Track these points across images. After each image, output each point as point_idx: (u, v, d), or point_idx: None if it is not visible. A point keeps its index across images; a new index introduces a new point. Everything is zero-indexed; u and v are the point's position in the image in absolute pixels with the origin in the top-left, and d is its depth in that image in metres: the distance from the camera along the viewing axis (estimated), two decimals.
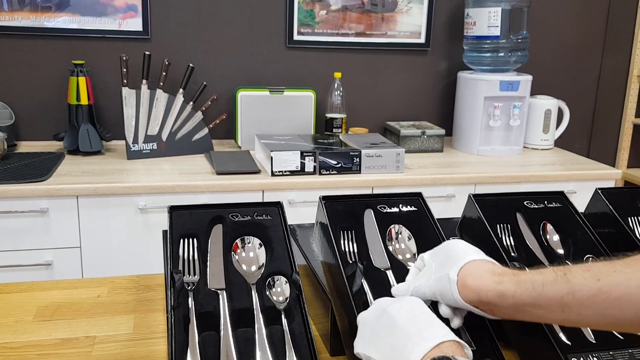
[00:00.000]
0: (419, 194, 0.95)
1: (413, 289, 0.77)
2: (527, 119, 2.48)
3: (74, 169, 2.04)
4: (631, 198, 0.99)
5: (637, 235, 0.94)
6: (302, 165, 2.10)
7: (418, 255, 0.85)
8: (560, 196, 0.97)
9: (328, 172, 2.12)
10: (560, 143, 2.63)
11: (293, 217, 0.93)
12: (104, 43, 2.35)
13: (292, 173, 2.09)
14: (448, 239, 0.91)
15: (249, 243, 0.83)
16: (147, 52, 2.20)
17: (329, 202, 0.92)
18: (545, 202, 0.95)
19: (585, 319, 0.65)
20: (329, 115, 2.48)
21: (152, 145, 2.21)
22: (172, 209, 0.84)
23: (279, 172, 2.08)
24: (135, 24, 2.35)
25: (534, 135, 2.53)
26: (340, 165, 2.13)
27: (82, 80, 2.20)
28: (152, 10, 2.36)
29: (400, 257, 0.87)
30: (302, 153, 2.09)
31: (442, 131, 2.48)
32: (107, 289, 1.05)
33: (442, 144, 2.49)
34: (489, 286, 0.69)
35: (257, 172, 2.09)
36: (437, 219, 0.93)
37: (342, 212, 0.92)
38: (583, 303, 0.63)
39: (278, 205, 0.89)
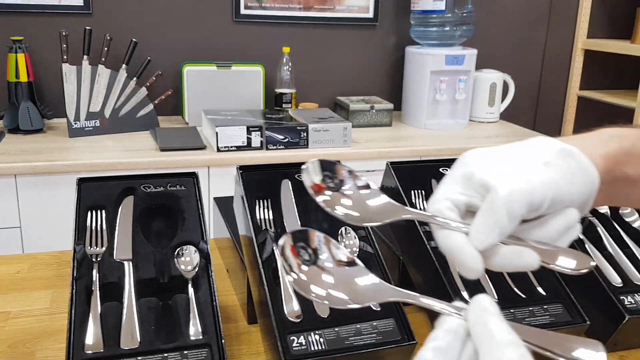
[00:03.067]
0: (338, 163, 0.95)
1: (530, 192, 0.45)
2: (472, 92, 2.51)
3: (14, 147, 1.99)
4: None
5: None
6: (249, 140, 2.09)
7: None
8: None
9: (275, 147, 2.12)
10: (506, 116, 2.67)
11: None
12: (44, 18, 2.28)
13: (239, 148, 2.08)
14: None
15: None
16: (87, 27, 2.15)
17: (247, 173, 0.92)
18: None
19: None
20: (278, 91, 2.47)
21: (95, 122, 2.17)
22: (81, 181, 0.83)
23: (225, 147, 2.06)
24: None
25: (480, 108, 2.57)
26: (287, 140, 2.13)
27: (20, 57, 2.14)
28: None
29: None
30: (248, 128, 2.08)
31: (390, 106, 2.49)
32: (28, 265, 1.03)
33: (390, 118, 2.50)
34: (612, 150, 0.51)
35: (203, 148, 2.07)
36: None
37: (260, 182, 0.92)
38: None
39: (193, 175, 0.89)
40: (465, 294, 0.79)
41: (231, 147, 2.07)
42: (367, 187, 0.54)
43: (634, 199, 0.56)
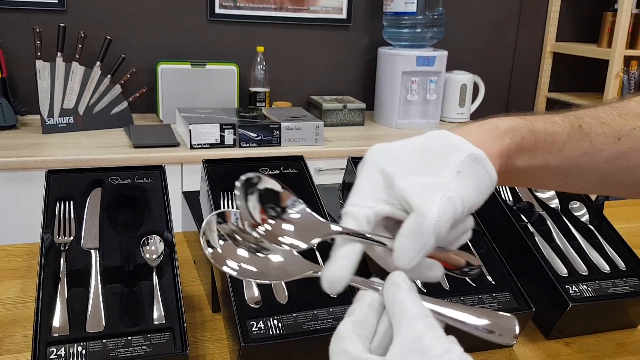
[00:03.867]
0: (301, 157, 0.99)
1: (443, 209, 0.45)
2: (443, 93, 2.56)
3: None
4: None
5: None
6: (222, 138, 2.12)
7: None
8: None
9: (248, 145, 2.15)
10: (476, 116, 2.73)
11: None
12: (18, 14, 2.29)
13: (212, 146, 2.11)
14: (342, 203, 0.96)
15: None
16: (61, 25, 2.16)
17: (213, 166, 0.96)
18: None
19: (589, 184, 0.56)
20: (252, 89, 2.50)
21: (69, 119, 2.18)
22: (50, 173, 0.85)
23: (198, 145, 2.09)
24: None
25: (450, 109, 2.63)
26: (260, 138, 2.16)
27: None
28: None
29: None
30: (221, 126, 2.11)
31: (362, 105, 2.54)
32: None
33: (363, 117, 2.55)
34: (506, 145, 0.53)
35: (176, 145, 2.09)
36: (324, 185, 0.98)
37: (225, 176, 0.95)
38: (597, 167, 0.54)
39: (160, 168, 0.92)
40: (418, 283, 0.84)
41: (204, 144, 2.10)
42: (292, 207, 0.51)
43: (519, 184, 0.59)
